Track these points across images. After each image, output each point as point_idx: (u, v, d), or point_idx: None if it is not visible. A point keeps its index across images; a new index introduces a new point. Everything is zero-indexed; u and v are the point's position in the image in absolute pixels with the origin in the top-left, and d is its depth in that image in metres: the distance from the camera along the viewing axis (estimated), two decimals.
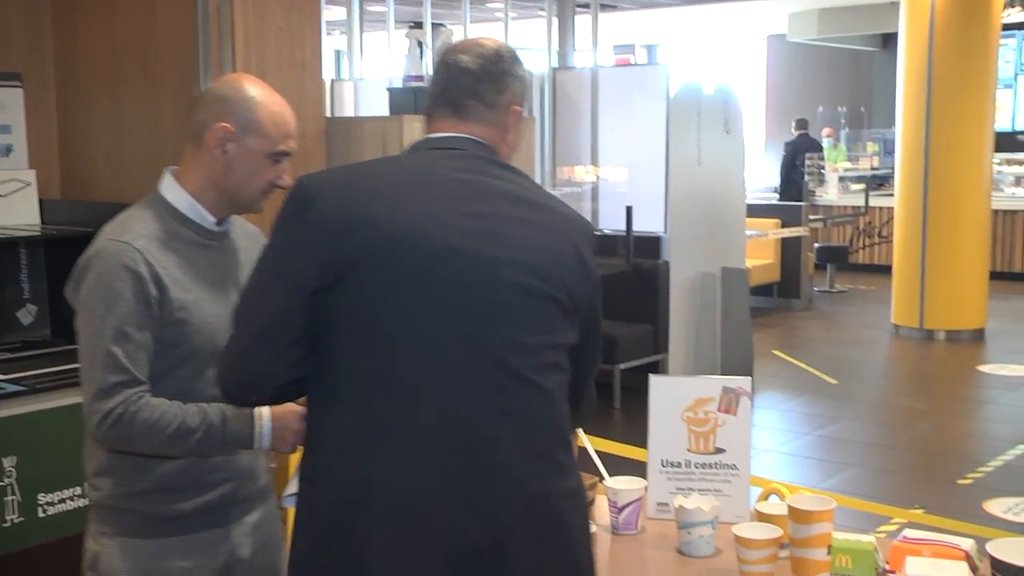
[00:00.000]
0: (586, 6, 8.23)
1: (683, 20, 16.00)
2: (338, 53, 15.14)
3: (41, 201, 3.84)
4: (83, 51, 3.88)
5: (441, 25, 10.79)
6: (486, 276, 1.63)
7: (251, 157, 2.04)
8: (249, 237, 2.20)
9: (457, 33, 8.39)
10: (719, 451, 2.27)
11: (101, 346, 1.91)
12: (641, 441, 2.49)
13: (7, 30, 3.86)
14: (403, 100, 3.93)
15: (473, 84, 1.79)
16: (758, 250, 10.31)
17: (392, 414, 1.60)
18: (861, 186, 13.41)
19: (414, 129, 3.68)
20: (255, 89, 2.07)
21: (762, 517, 2.05)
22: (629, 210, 6.85)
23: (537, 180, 6.82)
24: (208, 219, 2.07)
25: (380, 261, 1.60)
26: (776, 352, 8.75)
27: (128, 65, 3.75)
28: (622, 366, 7.01)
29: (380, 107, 8.94)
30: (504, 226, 1.67)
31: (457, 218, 1.64)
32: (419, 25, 9.44)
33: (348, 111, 8.55)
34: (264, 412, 1.96)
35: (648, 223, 7.15)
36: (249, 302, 1.71)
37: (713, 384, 2.30)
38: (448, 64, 1.81)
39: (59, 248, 3.78)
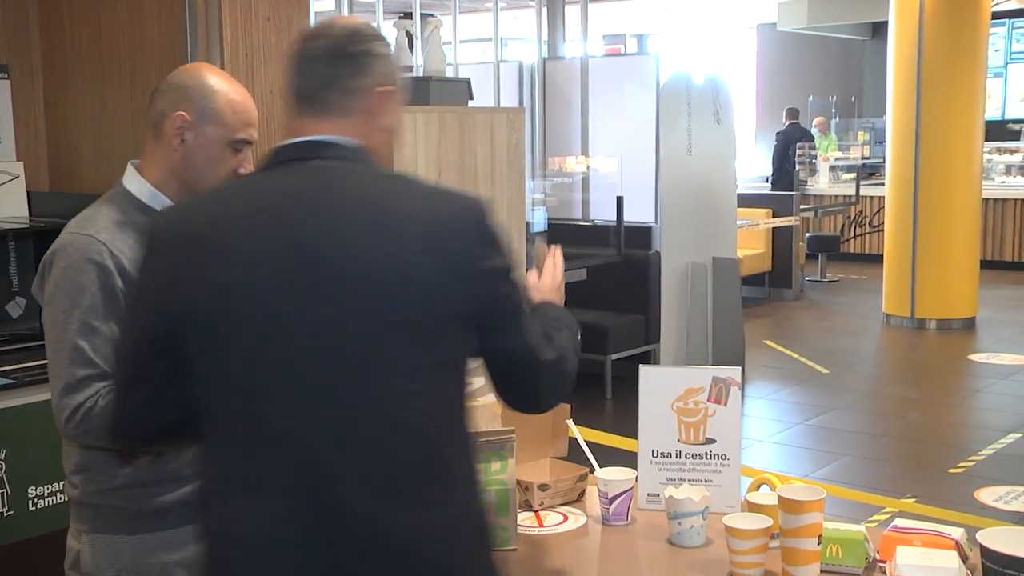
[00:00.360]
0: None
1: (673, 9, 15.99)
2: None
3: (29, 193, 3.82)
4: (70, 42, 3.86)
5: (430, 15, 10.74)
6: (318, 321, 1.49)
7: (210, 146, 2.01)
8: None
9: (447, 24, 8.37)
10: (709, 441, 2.26)
11: (67, 340, 1.89)
12: (632, 432, 2.48)
13: None
14: None
15: (327, 71, 1.62)
16: (749, 240, 10.32)
17: (242, 469, 1.53)
18: (852, 175, 13.43)
19: (404, 119, 3.65)
20: (214, 77, 2.05)
21: (753, 507, 2.05)
22: (620, 200, 6.84)
23: (528, 171, 6.81)
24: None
25: (205, 316, 1.52)
26: (767, 342, 8.76)
27: (115, 56, 3.73)
28: (613, 356, 7.01)
29: None
30: (335, 257, 1.49)
31: (280, 257, 1.50)
32: (408, 15, 9.40)
33: None
34: None
35: (639, 213, 7.13)
36: (115, 352, 1.68)
37: (703, 374, 2.29)
38: (298, 55, 1.64)
39: (48, 240, 3.74)
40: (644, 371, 2.32)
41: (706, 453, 2.26)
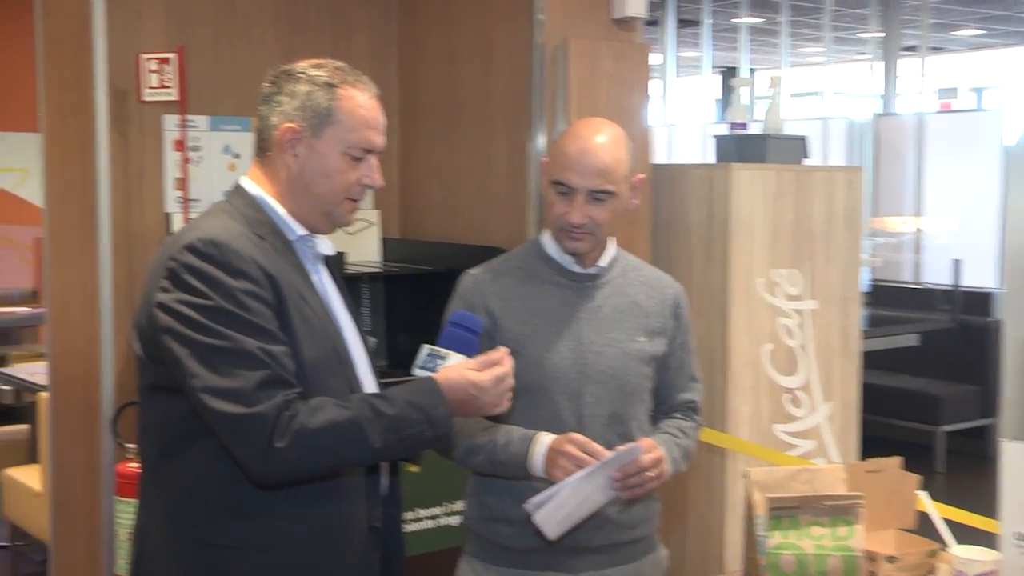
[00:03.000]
0: (911, 49, 7.91)
1: (1019, 60, 15.02)
2: None
3: (383, 239, 4.10)
4: (424, 98, 4.12)
5: (752, 70, 10.65)
6: None
7: (547, 190, 2.11)
8: (648, 285, 2.21)
9: (765, 79, 8.28)
10: None
11: None
12: (970, 508, 2.32)
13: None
14: (729, 147, 3.90)
15: (258, 112, 1.74)
16: None
17: None
18: None
19: (740, 177, 3.64)
20: (569, 131, 2.16)
21: None
22: (957, 264, 6.47)
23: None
24: (566, 259, 2.15)
25: None
26: None
27: (464, 111, 3.94)
28: (945, 428, 6.58)
29: (691, 153, 8.96)
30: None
31: None
32: (731, 71, 9.40)
33: (659, 157, 8.63)
34: (543, 437, 2.01)
35: (977, 278, 6.72)
36: None
37: None
38: None
39: (397, 284, 4.02)
40: (1008, 447, 2.16)
41: None
